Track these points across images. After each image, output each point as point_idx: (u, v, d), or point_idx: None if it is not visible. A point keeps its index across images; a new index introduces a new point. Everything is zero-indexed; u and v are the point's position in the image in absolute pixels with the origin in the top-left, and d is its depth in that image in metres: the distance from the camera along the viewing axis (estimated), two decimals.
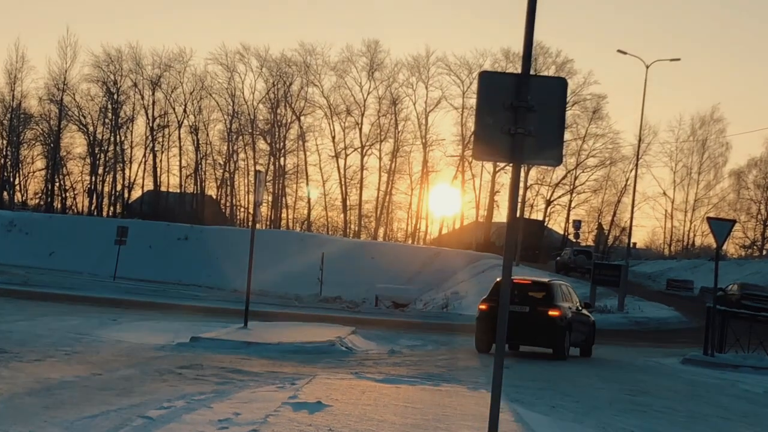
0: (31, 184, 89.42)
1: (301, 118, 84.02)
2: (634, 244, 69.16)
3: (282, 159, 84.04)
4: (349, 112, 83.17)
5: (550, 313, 19.13)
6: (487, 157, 7.76)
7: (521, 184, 16.37)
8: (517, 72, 7.14)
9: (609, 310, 39.78)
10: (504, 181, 76.08)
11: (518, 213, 44.80)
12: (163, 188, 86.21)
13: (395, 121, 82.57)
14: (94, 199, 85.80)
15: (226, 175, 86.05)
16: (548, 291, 19.79)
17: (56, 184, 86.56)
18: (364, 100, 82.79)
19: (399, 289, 46.78)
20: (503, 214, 66.24)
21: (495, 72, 8.44)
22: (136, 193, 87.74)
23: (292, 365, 14.62)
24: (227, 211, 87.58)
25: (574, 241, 68.67)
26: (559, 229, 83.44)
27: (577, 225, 69.44)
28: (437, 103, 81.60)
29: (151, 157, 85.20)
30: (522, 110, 6.98)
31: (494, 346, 7.62)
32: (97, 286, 36.86)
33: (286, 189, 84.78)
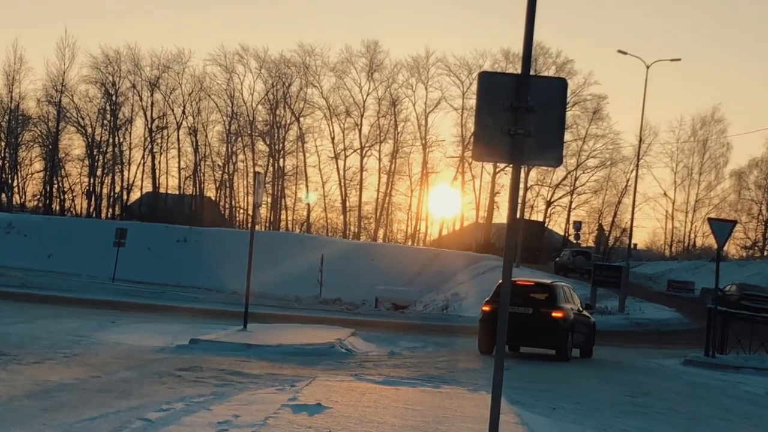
0: (30, 186, 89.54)
1: (301, 119, 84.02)
2: (635, 245, 69.14)
3: (281, 160, 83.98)
4: (348, 113, 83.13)
5: (554, 314, 19.11)
6: (487, 158, 7.76)
7: (521, 185, 16.36)
8: (517, 72, 7.11)
9: (610, 312, 39.74)
10: (504, 182, 76.09)
11: (518, 214, 44.77)
12: (162, 190, 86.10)
13: (395, 122, 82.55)
14: (92, 201, 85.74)
15: (225, 176, 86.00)
16: (551, 292, 19.77)
17: (55, 186, 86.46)
18: (364, 101, 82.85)
19: (399, 291, 46.80)
20: (503, 215, 66.23)
21: (495, 72, 8.43)
22: (135, 195, 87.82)
23: (291, 367, 14.60)
24: (226, 212, 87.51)
25: (575, 242, 68.72)
26: (559, 231, 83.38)
27: (578, 226, 69.49)
28: (437, 103, 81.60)
29: (149, 159, 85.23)
30: (522, 111, 6.96)
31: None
32: (95, 288, 36.84)
33: (286, 190, 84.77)
